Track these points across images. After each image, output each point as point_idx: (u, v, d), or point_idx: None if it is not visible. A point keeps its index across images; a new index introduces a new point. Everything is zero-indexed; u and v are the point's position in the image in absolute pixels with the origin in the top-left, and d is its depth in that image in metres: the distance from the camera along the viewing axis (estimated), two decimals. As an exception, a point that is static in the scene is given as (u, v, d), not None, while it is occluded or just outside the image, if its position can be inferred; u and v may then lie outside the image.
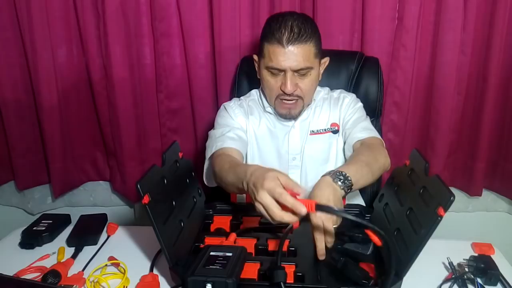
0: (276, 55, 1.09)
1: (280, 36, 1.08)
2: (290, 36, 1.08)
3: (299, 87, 1.14)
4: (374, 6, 1.50)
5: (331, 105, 1.27)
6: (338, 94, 1.30)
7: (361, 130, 1.17)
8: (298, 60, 1.09)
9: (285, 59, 1.09)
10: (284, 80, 1.12)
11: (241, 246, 0.87)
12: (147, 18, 1.58)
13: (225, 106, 1.30)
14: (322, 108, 1.27)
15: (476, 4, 1.51)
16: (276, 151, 1.25)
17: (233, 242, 0.91)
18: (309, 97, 1.20)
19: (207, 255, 0.81)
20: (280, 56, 1.09)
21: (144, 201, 0.78)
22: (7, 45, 1.61)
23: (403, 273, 0.79)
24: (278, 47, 1.09)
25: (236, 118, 1.26)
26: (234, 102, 1.31)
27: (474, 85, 1.65)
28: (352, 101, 1.27)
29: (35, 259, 0.96)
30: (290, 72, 1.11)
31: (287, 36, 1.08)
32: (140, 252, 1.01)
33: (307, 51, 1.10)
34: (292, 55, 1.08)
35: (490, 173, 1.76)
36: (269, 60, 1.12)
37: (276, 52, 1.09)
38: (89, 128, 1.77)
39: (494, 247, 0.99)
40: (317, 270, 0.85)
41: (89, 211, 1.21)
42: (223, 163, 1.03)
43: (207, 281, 0.73)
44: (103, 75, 1.64)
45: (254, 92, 1.34)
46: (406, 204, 0.89)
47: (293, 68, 1.10)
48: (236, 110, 1.28)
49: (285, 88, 1.12)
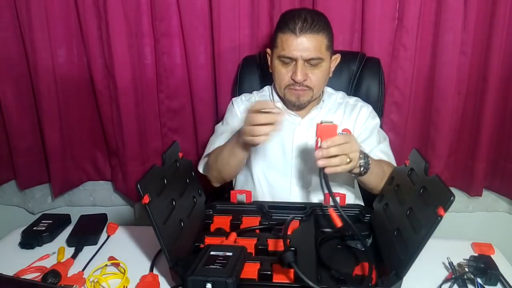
0: (289, 44, 1.12)
1: (293, 25, 1.11)
2: (302, 26, 1.10)
3: (309, 77, 1.15)
4: (374, 6, 1.50)
5: (345, 111, 1.27)
6: (355, 102, 1.30)
7: (380, 152, 1.20)
8: (309, 49, 1.11)
9: (296, 48, 1.11)
10: (295, 69, 1.14)
11: (241, 245, 0.87)
12: (147, 18, 1.58)
13: (233, 102, 1.34)
14: (336, 112, 1.27)
15: (476, 4, 1.51)
16: (281, 147, 1.26)
17: (234, 241, 0.91)
18: (319, 89, 1.21)
19: (207, 255, 0.80)
20: (292, 45, 1.11)
21: (144, 201, 0.78)
22: (7, 45, 1.61)
23: (403, 273, 0.79)
24: (291, 36, 1.11)
25: (241, 114, 1.29)
26: (243, 97, 1.34)
27: (474, 85, 1.65)
28: (369, 115, 1.27)
29: (35, 259, 0.96)
30: (301, 61, 1.12)
31: (300, 25, 1.10)
32: (140, 252, 1.01)
33: (319, 41, 1.12)
34: (304, 44, 1.11)
35: (490, 173, 1.76)
36: (281, 49, 1.14)
37: (289, 41, 1.12)
38: (90, 128, 1.77)
39: (494, 247, 0.98)
40: (317, 270, 0.85)
41: (89, 211, 1.21)
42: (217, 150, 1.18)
43: (207, 281, 0.73)
44: (104, 75, 1.64)
45: (267, 88, 1.36)
46: (406, 204, 0.89)
47: (304, 58, 1.12)
48: (242, 106, 1.31)
49: (295, 77, 1.14)
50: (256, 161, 1.28)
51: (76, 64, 1.66)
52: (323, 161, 0.91)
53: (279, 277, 0.82)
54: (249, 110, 0.98)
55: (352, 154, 0.95)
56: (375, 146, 1.22)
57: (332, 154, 0.91)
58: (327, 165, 0.92)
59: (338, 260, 0.90)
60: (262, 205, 1.08)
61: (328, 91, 1.32)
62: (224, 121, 1.33)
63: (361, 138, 1.23)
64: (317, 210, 1.06)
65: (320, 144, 0.91)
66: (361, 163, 1.00)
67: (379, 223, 0.99)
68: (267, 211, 1.06)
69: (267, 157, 1.27)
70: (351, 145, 0.94)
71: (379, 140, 1.25)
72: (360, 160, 1.00)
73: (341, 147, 0.92)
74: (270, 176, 1.27)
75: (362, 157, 1.01)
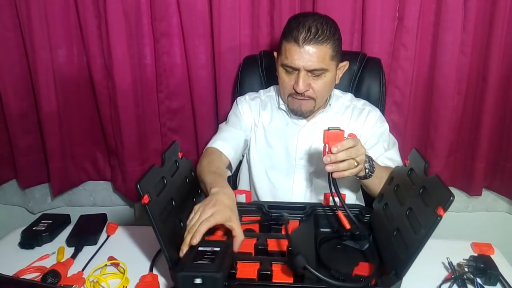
0: (292, 54, 1.11)
1: (297, 34, 1.09)
2: (306, 36, 1.09)
3: (311, 87, 1.14)
4: (374, 6, 1.50)
5: (352, 115, 1.27)
6: (363, 106, 1.29)
7: (387, 159, 1.19)
8: (312, 60, 1.10)
9: (299, 58, 1.10)
10: (297, 79, 1.13)
11: (227, 240, 0.87)
12: (147, 17, 1.58)
13: (237, 101, 1.34)
14: (343, 115, 1.27)
15: (476, 4, 1.51)
16: (284, 149, 1.26)
17: (220, 236, 0.91)
18: (322, 99, 1.20)
19: (195, 251, 0.81)
20: (295, 54, 1.10)
21: (144, 201, 0.78)
22: (7, 45, 1.61)
23: (403, 273, 0.79)
24: (294, 46, 1.10)
25: (244, 115, 1.29)
26: (247, 96, 1.34)
27: (474, 85, 1.65)
28: (377, 120, 1.26)
29: (35, 259, 0.96)
30: (303, 71, 1.12)
31: (303, 35, 1.09)
32: (140, 252, 1.01)
33: (323, 52, 1.10)
34: (307, 55, 1.10)
35: (490, 173, 1.76)
36: (284, 57, 1.13)
37: (292, 51, 1.10)
38: (89, 128, 1.77)
39: (494, 247, 0.99)
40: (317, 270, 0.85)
41: (89, 211, 1.21)
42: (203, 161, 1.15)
43: (197, 276, 0.74)
44: (104, 74, 1.64)
45: (273, 88, 1.36)
46: (406, 204, 0.89)
47: (306, 68, 1.11)
48: (245, 105, 1.31)
49: (296, 87, 1.13)
50: (258, 162, 1.28)
51: (76, 64, 1.66)
52: (332, 166, 0.93)
53: (279, 277, 0.82)
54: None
55: (359, 157, 0.96)
56: (382, 154, 1.20)
57: (340, 159, 0.93)
58: (335, 170, 0.94)
59: (338, 260, 0.90)
60: (262, 205, 1.08)
61: (336, 94, 1.31)
62: (227, 120, 1.33)
63: (368, 144, 1.22)
64: (317, 210, 1.06)
65: (327, 150, 0.93)
66: (366, 166, 1.01)
67: (378, 223, 0.99)
68: (267, 211, 1.06)
69: (270, 157, 1.27)
70: (357, 149, 0.96)
71: (388, 146, 1.24)
72: (365, 164, 1.01)
73: (349, 151, 0.94)
74: (272, 177, 1.27)
75: (367, 160, 1.02)
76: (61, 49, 1.62)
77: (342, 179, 1.23)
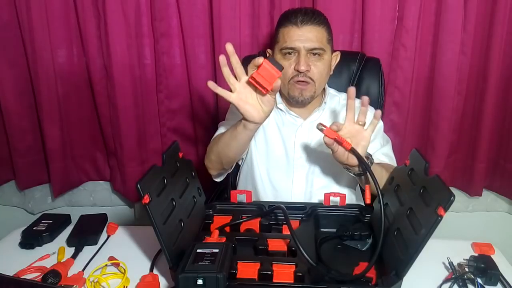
0: (291, 35, 1.15)
1: (295, 18, 1.14)
2: (303, 18, 1.14)
3: (311, 69, 1.16)
4: (374, 6, 1.51)
5: None
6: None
7: (382, 155, 1.20)
8: (311, 39, 1.14)
9: (299, 39, 1.14)
10: (298, 60, 1.15)
11: (226, 242, 0.87)
12: (147, 18, 1.58)
13: None
14: (340, 113, 1.27)
15: (476, 4, 1.51)
16: (283, 148, 1.26)
17: (217, 238, 0.92)
18: (320, 84, 1.21)
19: (194, 253, 0.81)
20: (295, 35, 1.14)
21: (144, 201, 0.78)
22: (7, 45, 1.61)
23: (403, 273, 0.79)
24: (293, 28, 1.14)
25: None
26: None
27: (474, 85, 1.65)
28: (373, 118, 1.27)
29: (35, 259, 0.96)
30: (304, 51, 1.14)
31: (301, 18, 1.14)
32: (140, 252, 1.01)
33: (320, 33, 1.15)
34: (306, 35, 1.14)
35: (490, 173, 1.76)
36: (283, 42, 1.16)
37: (291, 33, 1.15)
38: (89, 128, 1.77)
39: (494, 247, 0.98)
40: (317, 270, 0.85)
41: (89, 211, 1.21)
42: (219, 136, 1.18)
43: (198, 277, 0.74)
44: (103, 75, 1.64)
45: None
46: (406, 204, 0.89)
47: (306, 48, 1.14)
48: None
49: (299, 67, 1.15)
50: (259, 162, 1.28)
51: (76, 64, 1.66)
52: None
53: (280, 277, 0.82)
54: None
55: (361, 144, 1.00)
56: (378, 149, 1.21)
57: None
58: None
59: (338, 260, 0.90)
60: (262, 205, 1.08)
61: (331, 93, 1.31)
62: (226, 119, 1.33)
63: None
64: (317, 210, 1.06)
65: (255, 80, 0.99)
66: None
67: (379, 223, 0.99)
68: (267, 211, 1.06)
69: (270, 157, 1.27)
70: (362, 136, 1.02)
71: (382, 143, 1.25)
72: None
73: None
74: (273, 177, 1.27)
75: (367, 156, 1.03)
76: (61, 49, 1.63)
77: (342, 179, 1.24)
